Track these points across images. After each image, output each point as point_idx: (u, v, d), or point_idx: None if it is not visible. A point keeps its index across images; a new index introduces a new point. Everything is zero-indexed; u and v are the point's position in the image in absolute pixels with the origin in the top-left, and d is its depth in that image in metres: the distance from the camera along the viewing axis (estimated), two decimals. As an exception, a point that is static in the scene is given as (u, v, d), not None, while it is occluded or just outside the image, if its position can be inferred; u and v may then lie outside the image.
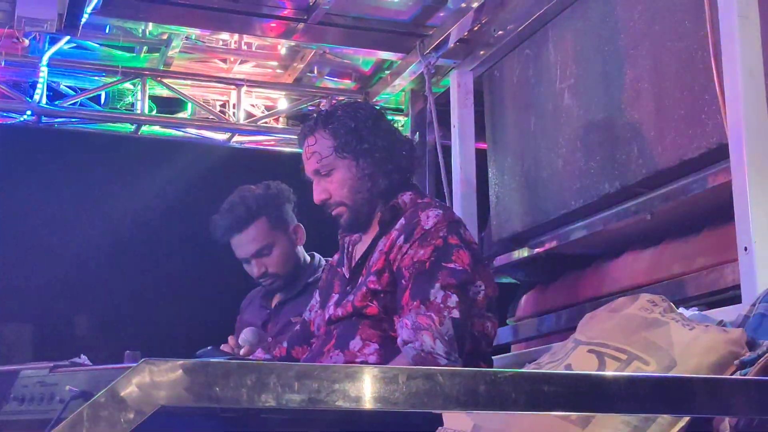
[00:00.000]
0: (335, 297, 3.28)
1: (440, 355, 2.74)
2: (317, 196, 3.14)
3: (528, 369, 2.62)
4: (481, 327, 3.14)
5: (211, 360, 1.37)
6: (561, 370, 2.45)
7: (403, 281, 2.93)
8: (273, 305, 4.53)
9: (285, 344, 3.50)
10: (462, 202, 5.32)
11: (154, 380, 1.29)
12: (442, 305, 2.81)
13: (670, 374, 2.29)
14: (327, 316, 3.25)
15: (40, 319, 7.46)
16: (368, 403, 1.37)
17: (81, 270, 7.42)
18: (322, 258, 4.57)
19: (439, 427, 1.85)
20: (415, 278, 2.88)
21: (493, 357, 3.56)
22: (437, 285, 2.83)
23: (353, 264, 3.28)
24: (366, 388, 1.38)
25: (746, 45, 3.36)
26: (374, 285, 3.00)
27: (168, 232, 7.28)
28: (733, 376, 2.29)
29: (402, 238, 2.97)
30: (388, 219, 3.15)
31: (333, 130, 3.14)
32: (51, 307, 7.50)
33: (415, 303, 2.83)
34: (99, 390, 1.27)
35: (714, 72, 3.48)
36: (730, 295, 3.61)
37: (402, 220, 3.05)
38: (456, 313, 2.82)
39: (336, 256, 3.61)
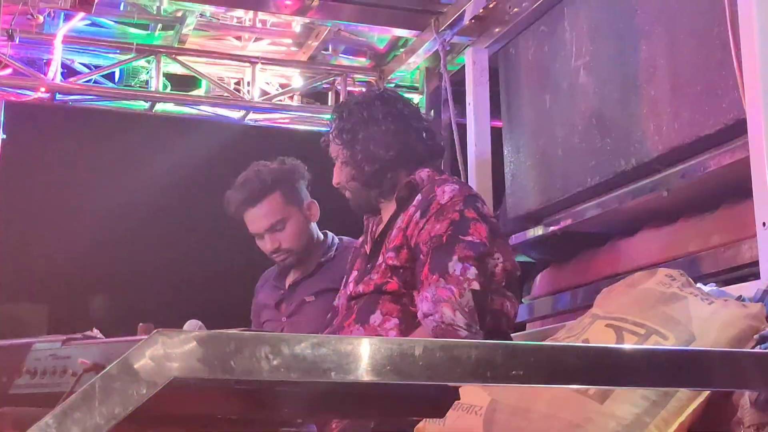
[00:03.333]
0: (355, 274, 3.32)
1: (460, 327, 2.75)
2: (334, 179, 3.36)
3: (544, 345, 2.60)
4: (500, 305, 3.12)
5: (227, 331, 1.35)
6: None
7: (421, 256, 2.95)
8: (287, 285, 4.51)
9: None
10: (477, 181, 5.30)
11: (167, 352, 1.27)
12: (461, 277, 2.81)
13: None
14: (348, 293, 3.29)
15: (55, 298, 7.46)
16: (384, 375, 1.36)
17: (95, 249, 7.41)
18: (335, 237, 4.55)
19: (456, 401, 1.84)
20: (433, 252, 2.89)
21: (503, 341, 3.54)
22: (455, 257, 2.83)
23: (372, 242, 3.32)
24: (381, 360, 1.36)
25: (764, 19, 3.32)
26: (393, 261, 3.03)
27: (183, 211, 7.27)
28: (752, 350, 2.27)
29: (419, 213, 2.98)
30: (405, 196, 3.18)
31: (339, 117, 3.29)
32: (66, 287, 7.50)
33: (434, 277, 2.84)
34: (112, 363, 1.25)
35: (732, 47, 3.45)
36: (747, 273, 3.58)
37: (419, 196, 3.07)
38: (476, 285, 2.82)
39: (361, 239, 3.67)
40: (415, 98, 6.56)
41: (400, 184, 3.25)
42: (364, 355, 1.35)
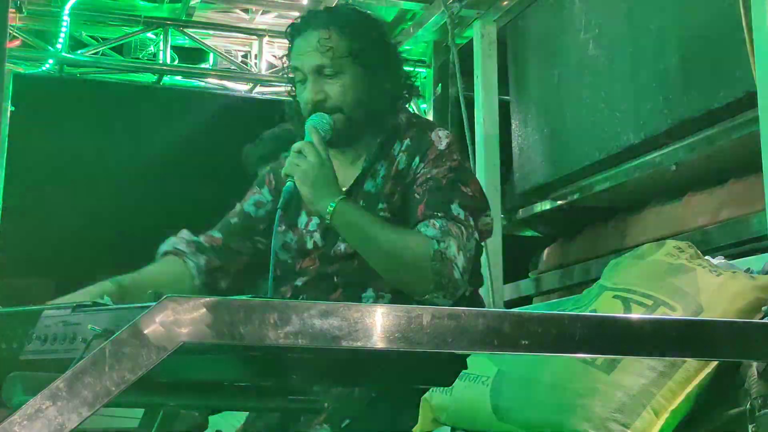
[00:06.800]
0: (314, 220, 2.81)
1: (458, 268, 2.56)
2: (313, 96, 2.81)
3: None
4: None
5: (231, 298, 1.36)
6: (585, 318, 2.43)
7: (416, 195, 2.66)
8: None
9: (217, 234, 2.95)
10: (485, 154, 5.29)
11: (177, 317, 1.28)
12: (465, 222, 2.64)
13: (695, 321, 2.27)
14: (321, 249, 2.78)
15: (61, 272, 7.48)
16: (392, 343, 1.36)
17: (102, 222, 7.43)
18: None
19: (463, 371, 1.84)
20: (431, 192, 2.62)
21: (515, 309, 3.50)
22: (457, 202, 2.64)
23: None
24: (390, 328, 1.36)
25: (776, -8, 3.30)
26: (385, 213, 2.75)
27: (190, 183, 7.27)
28: (760, 320, 2.27)
29: (417, 159, 2.74)
30: (385, 141, 2.86)
31: (352, 33, 2.88)
32: (72, 260, 7.52)
33: (438, 214, 2.61)
34: (121, 329, 1.26)
35: (743, 20, 3.43)
36: (755, 246, 3.58)
37: (407, 142, 2.81)
38: (477, 236, 2.70)
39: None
40: (423, 72, 6.56)
41: (388, 126, 2.92)
42: (372, 322, 1.35)
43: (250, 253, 2.89)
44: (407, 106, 2.95)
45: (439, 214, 2.53)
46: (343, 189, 2.67)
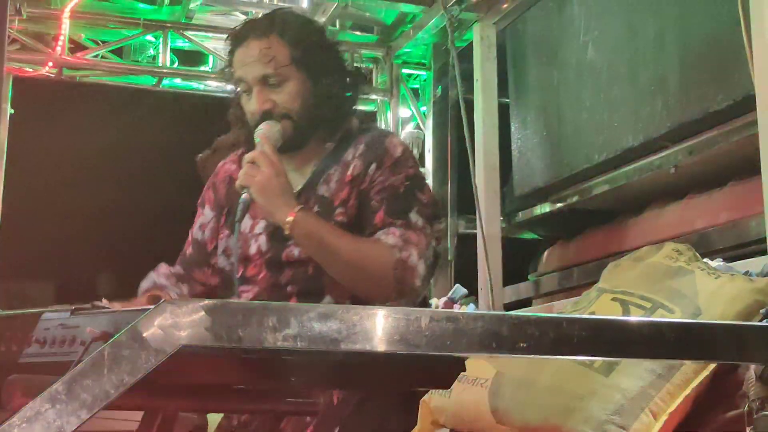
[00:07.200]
0: (261, 224, 2.75)
1: (418, 276, 2.57)
2: (261, 105, 2.79)
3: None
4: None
5: (230, 301, 1.36)
6: (584, 320, 2.43)
7: (373, 203, 2.65)
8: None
9: (179, 268, 2.93)
10: (484, 157, 5.29)
11: (175, 320, 1.28)
12: (424, 230, 2.64)
13: (694, 323, 2.28)
14: (268, 254, 2.71)
15: (61, 275, 7.48)
16: (390, 345, 1.36)
17: (102, 225, 7.43)
18: None
19: (462, 374, 1.84)
20: (389, 200, 2.61)
21: (514, 311, 3.50)
22: (415, 209, 2.64)
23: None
24: (388, 331, 1.36)
25: (775, -6, 3.31)
26: (342, 218, 2.63)
27: (190, 187, 7.27)
28: (758, 323, 2.27)
29: (373, 165, 2.72)
30: (337, 146, 2.85)
31: (292, 39, 2.85)
32: (72, 263, 7.52)
33: (399, 222, 2.61)
34: (120, 332, 1.26)
35: (741, 22, 3.43)
36: (755, 249, 3.58)
37: (362, 148, 2.79)
38: (435, 243, 2.69)
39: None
40: (423, 74, 6.57)
41: (338, 130, 2.90)
42: (371, 325, 1.36)
43: (215, 275, 2.86)
44: (356, 108, 2.91)
45: (399, 222, 2.53)
46: (295, 191, 2.64)
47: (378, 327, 1.37)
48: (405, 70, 6.64)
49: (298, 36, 2.75)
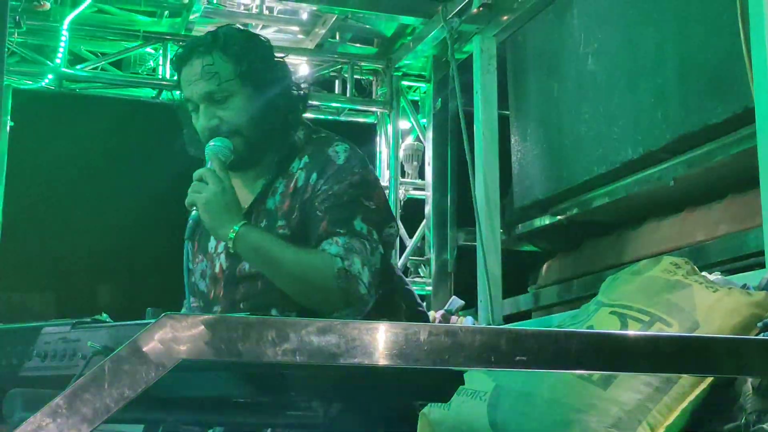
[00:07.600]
0: (222, 243, 2.74)
1: (363, 283, 2.55)
2: (207, 122, 2.78)
3: (549, 332, 2.61)
4: (399, 279, 2.97)
5: (230, 315, 1.37)
6: (582, 333, 2.44)
7: (317, 212, 2.64)
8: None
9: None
10: (484, 169, 5.29)
11: (175, 335, 1.29)
12: (369, 237, 2.63)
13: (692, 337, 2.28)
14: (227, 271, 2.75)
15: (62, 287, 7.49)
16: (390, 360, 1.37)
17: (102, 237, 7.44)
18: None
19: (461, 387, 1.84)
20: (332, 210, 2.60)
21: (513, 324, 3.49)
22: (359, 217, 2.63)
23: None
24: (387, 345, 1.37)
25: (773, 7, 3.31)
26: (284, 230, 2.64)
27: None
28: (755, 337, 2.28)
29: (314, 175, 2.71)
30: (283, 158, 2.84)
31: (235, 54, 2.84)
32: (73, 276, 7.53)
33: (341, 231, 2.60)
34: (121, 346, 1.27)
35: (741, 35, 3.44)
36: (753, 262, 3.59)
37: (306, 159, 2.78)
38: (382, 249, 2.68)
39: None
40: (423, 86, 6.58)
41: (286, 143, 2.89)
42: (370, 339, 1.36)
43: (198, 299, 2.84)
44: (303, 120, 2.91)
45: (342, 231, 2.52)
46: (244, 207, 2.66)
47: (377, 341, 1.37)
48: (405, 83, 6.66)
49: (241, 51, 2.74)
